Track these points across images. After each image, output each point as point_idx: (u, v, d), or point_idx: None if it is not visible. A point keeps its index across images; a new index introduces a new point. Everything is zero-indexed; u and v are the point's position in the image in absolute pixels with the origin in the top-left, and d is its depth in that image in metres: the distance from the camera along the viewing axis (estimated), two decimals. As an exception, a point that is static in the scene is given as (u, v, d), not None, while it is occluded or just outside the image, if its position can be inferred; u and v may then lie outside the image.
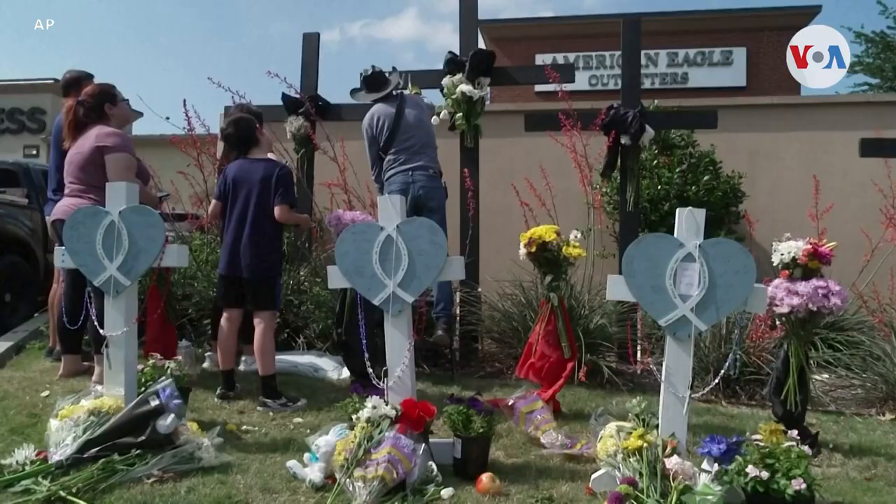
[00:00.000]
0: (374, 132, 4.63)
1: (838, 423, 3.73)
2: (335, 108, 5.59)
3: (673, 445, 2.48)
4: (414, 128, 4.59)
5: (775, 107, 7.51)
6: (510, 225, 4.95)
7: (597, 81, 13.52)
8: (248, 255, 3.56)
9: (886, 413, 3.97)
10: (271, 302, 3.63)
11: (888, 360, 4.21)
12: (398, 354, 2.75)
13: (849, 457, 3.13)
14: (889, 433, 3.58)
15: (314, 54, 5.65)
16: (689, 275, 2.52)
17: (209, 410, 3.50)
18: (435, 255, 2.73)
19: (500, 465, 2.79)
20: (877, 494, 2.70)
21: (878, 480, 2.87)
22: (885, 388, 4.14)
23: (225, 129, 3.85)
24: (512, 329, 4.63)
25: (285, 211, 3.57)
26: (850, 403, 4.14)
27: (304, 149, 5.46)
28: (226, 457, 2.76)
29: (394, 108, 4.59)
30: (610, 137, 4.89)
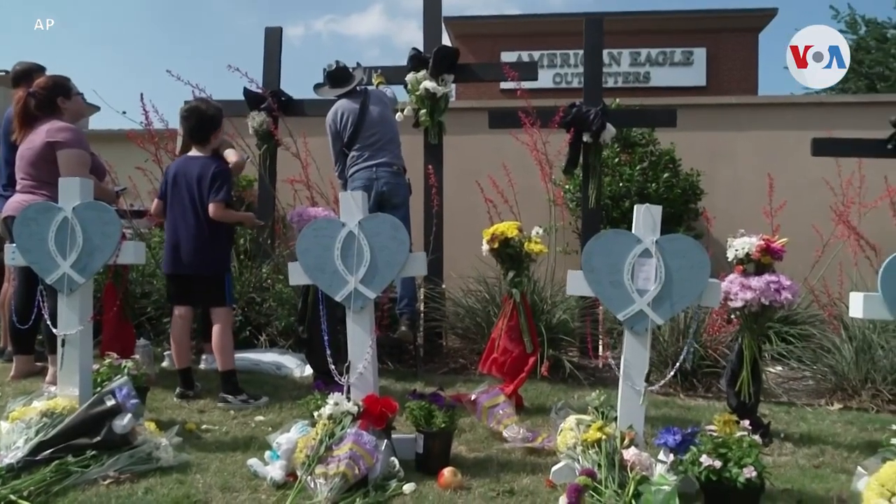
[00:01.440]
0: (337, 128, 4.60)
1: (790, 414, 3.85)
2: (298, 103, 5.54)
3: (631, 437, 2.53)
4: (377, 124, 4.58)
5: (733, 106, 7.69)
6: (474, 221, 4.97)
7: (561, 79, 13.65)
8: (189, 252, 3.53)
9: (835, 403, 4.11)
10: (221, 298, 3.59)
11: (837, 352, 4.36)
12: (360, 351, 2.75)
13: (799, 445, 3.23)
14: (837, 422, 3.71)
15: (276, 48, 5.59)
16: (647, 270, 2.57)
17: (168, 410, 3.45)
18: (397, 251, 2.73)
19: (462, 460, 2.81)
20: (824, 481, 2.80)
21: (826, 467, 2.97)
22: (834, 379, 4.28)
23: (187, 116, 3.74)
24: (476, 325, 4.67)
25: (219, 208, 3.52)
26: (802, 394, 4.27)
27: (267, 144, 5.41)
28: (185, 456, 2.72)
29: (357, 104, 4.57)
30: (571, 134, 4.96)
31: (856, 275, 4.80)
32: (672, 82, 13.37)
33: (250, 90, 5.36)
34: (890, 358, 4.16)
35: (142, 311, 4.73)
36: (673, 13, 13.82)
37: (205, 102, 3.90)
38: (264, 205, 5.38)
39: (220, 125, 3.77)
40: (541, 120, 4.82)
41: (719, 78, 13.37)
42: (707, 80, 13.36)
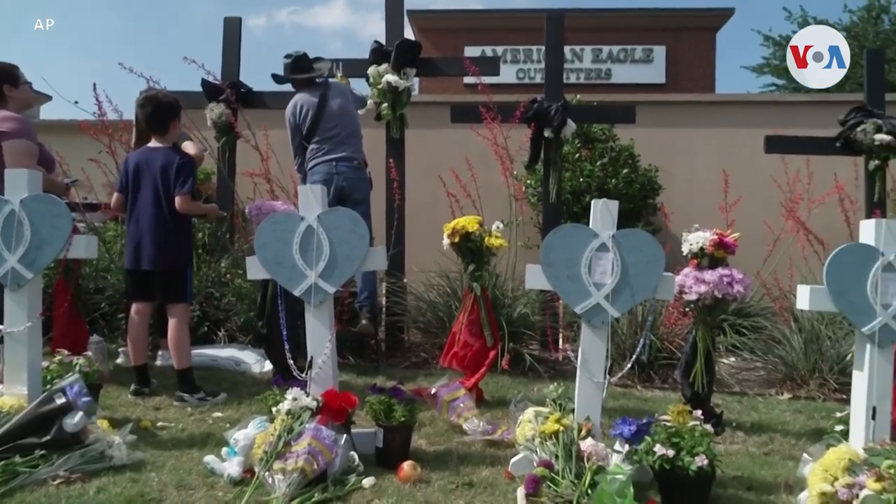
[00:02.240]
0: (296, 121, 4.54)
1: (741, 403, 3.96)
2: (258, 95, 5.46)
3: (588, 428, 2.57)
4: (338, 117, 4.53)
5: (691, 104, 7.86)
6: (436, 215, 4.98)
7: (524, 75, 13.72)
8: (152, 247, 3.44)
9: (784, 393, 4.24)
10: (182, 294, 3.52)
11: (787, 343, 4.50)
12: (320, 345, 2.73)
13: (749, 434, 3.34)
14: (786, 411, 3.83)
15: (236, 39, 5.49)
16: (604, 264, 2.61)
17: (122, 407, 3.37)
18: (356, 246, 2.72)
19: (422, 453, 2.82)
20: (772, 467, 2.90)
21: (774, 455, 3.08)
22: (784, 369, 4.43)
23: (143, 104, 3.65)
24: (437, 319, 4.68)
25: (186, 201, 3.46)
26: (753, 384, 4.40)
27: (226, 137, 5.32)
28: (139, 454, 2.67)
29: (317, 96, 4.51)
30: (532, 130, 5.00)
31: (805, 268, 4.97)
32: (633, 79, 13.56)
33: (208, 81, 5.26)
34: (836, 348, 4.31)
35: (95, 307, 4.61)
36: (634, 11, 14.04)
37: (161, 92, 3.81)
38: (223, 198, 5.29)
39: (179, 114, 3.69)
40: (502, 115, 4.84)
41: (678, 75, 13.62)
42: (666, 78, 13.60)
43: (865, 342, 2.56)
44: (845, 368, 4.17)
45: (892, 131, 5.11)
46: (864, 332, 2.55)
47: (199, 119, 5.18)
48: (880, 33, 16.50)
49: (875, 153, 5.18)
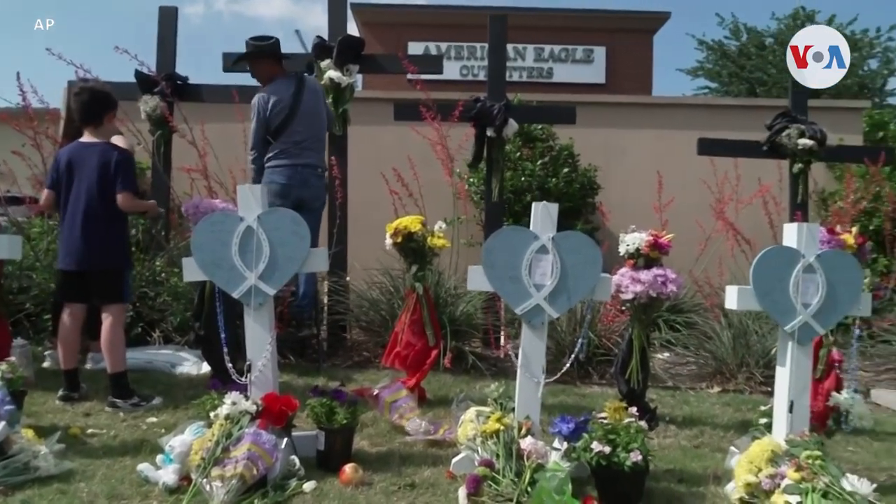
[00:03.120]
0: (267, 114, 4.33)
1: (675, 398, 4.12)
2: (195, 88, 5.30)
3: (528, 427, 2.62)
4: (309, 118, 4.42)
5: (628, 105, 8.07)
6: (379, 213, 4.96)
7: (468, 72, 13.77)
8: (87, 247, 3.30)
9: (714, 386, 4.43)
10: (118, 295, 3.40)
11: (717, 338, 4.70)
12: (260, 348, 2.68)
13: (682, 428, 3.47)
14: (715, 404, 4.00)
15: (171, 29, 5.31)
16: (543, 266, 2.67)
17: (49, 414, 3.23)
18: (297, 247, 2.69)
19: (364, 455, 2.82)
20: (702, 460, 3.03)
21: (704, 447, 3.22)
22: (714, 363, 4.62)
23: (79, 93, 3.49)
24: (380, 317, 4.67)
25: (128, 199, 3.34)
26: (686, 379, 4.58)
27: (161, 130, 5.14)
28: (68, 464, 2.56)
29: (290, 92, 4.35)
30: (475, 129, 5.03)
31: (734, 266, 5.19)
32: (574, 79, 13.80)
33: (142, 72, 5.07)
34: (763, 343, 4.53)
35: (19, 308, 4.39)
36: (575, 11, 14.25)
37: (98, 83, 3.66)
38: (159, 194, 5.11)
39: (115, 108, 3.55)
40: (441, 114, 4.85)
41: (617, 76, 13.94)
42: (606, 78, 13.89)
43: (787, 339, 2.70)
44: (770, 362, 4.37)
45: (814, 136, 5.38)
46: (786, 331, 2.69)
47: (132, 111, 4.99)
48: (805, 40, 17.30)
49: (798, 157, 5.44)
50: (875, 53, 17.28)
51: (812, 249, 2.70)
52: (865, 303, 2.79)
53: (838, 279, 2.68)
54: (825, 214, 6.86)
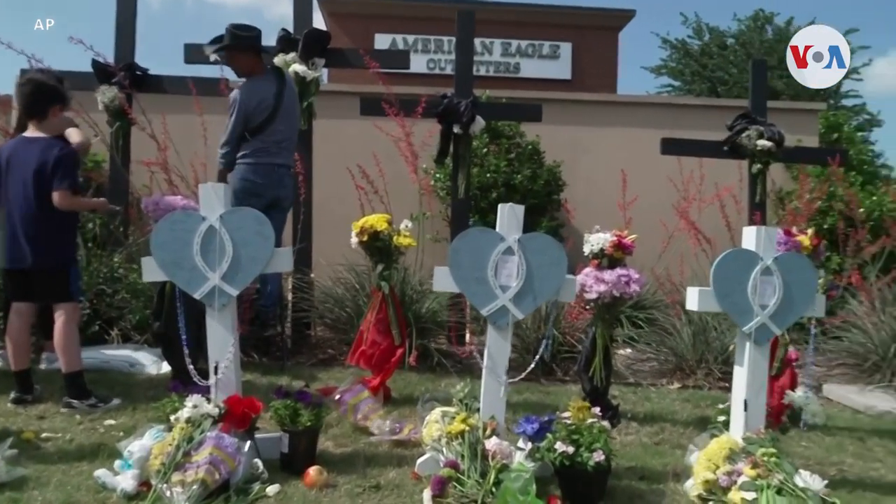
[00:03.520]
0: (250, 109, 4.17)
1: (636, 394, 4.19)
2: (155, 78, 5.16)
3: (493, 427, 2.64)
4: (289, 117, 4.32)
5: (594, 103, 8.14)
6: (345, 208, 4.93)
7: (435, 65, 13.71)
8: (29, 245, 3.19)
9: (675, 382, 4.52)
10: (64, 294, 3.27)
11: (678, 335, 4.80)
12: (222, 349, 2.64)
13: (643, 424, 3.53)
14: (675, 401, 4.09)
15: (130, 17, 5.16)
16: (509, 267, 2.68)
17: (1, 418, 3.12)
18: (261, 247, 2.64)
19: (328, 456, 2.80)
20: (663, 456, 3.09)
21: (665, 444, 3.28)
22: (674, 360, 4.71)
23: (22, 84, 3.37)
24: (345, 315, 4.64)
25: (64, 197, 3.19)
26: (647, 375, 4.66)
27: (119, 122, 5.00)
28: (20, 471, 2.48)
29: (273, 89, 4.23)
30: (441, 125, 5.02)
31: (695, 264, 5.30)
32: (540, 74, 13.85)
33: (99, 62, 4.92)
34: (721, 339, 4.64)
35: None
36: (542, 7, 14.30)
37: (45, 73, 3.52)
38: (116, 188, 4.98)
39: (63, 100, 3.41)
40: (407, 110, 4.81)
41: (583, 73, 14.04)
42: (572, 75, 13.98)
43: (745, 340, 2.77)
44: (728, 359, 4.48)
45: (773, 138, 5.50)
46: (744, 331, 2.75)
47: (90, 102, 4.84)
48: (764, 42, 17.73)
49: (757, 157, 5.57)
50: (831, 55, 17.75)
51: (770, 252, 2.77)
52: (820, 304, 2.88)
53: (794, 281, 2.76)
54: (782, 213, 7.04)
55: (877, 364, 4.69)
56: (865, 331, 4.88)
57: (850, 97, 17.72)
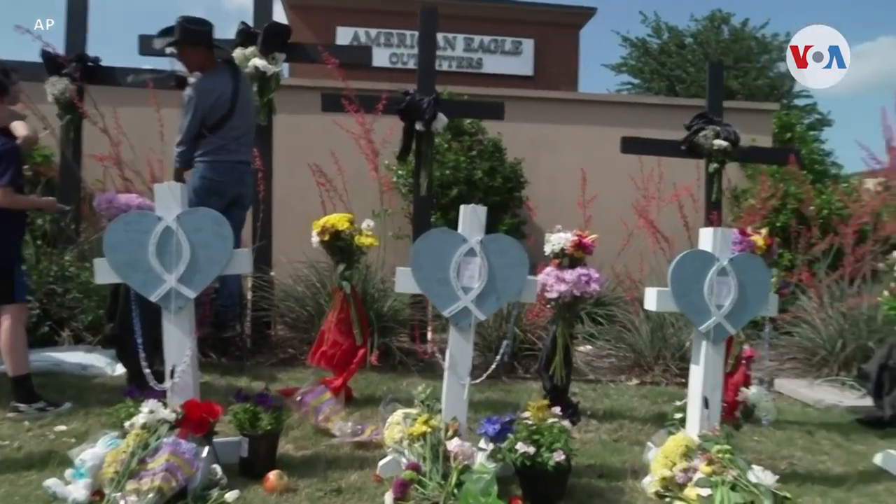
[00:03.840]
0: (207, 106, 4.05)
1: (596, 391, 4.25)
2: (109, 70, 4.99)
3: (455, 428, 2.64)
4: (246, 112, 4.23)
5: (555, 101, 8.20)
6: (307, 204, 4.87)
7: (397, 59, 13.63)
8: None
9: (633, 379, 4.61)
10: (8, 294, 3.15)
11: (636, 331, 4.88)
12: (179, 353, 2.58)
13: (602, 422, 3.59)
14: (634, 396, 4.16)
15: (82, 6, 4.98)
16: (472, 268, 2.68)
17: (-56, 425, 3.00)
18: (220, 249, 2.59)
19: (289, 460, 2.77)
20: (621, 454, 3.14)
21: (623, 441, 3.34)
22: (632, 356, 4.80)
23: None
24: (306, 313, 4.59)
25: (6, 195, 3.06)
26: (606, 371, 4.73)
27: (70, 115, 4.83)
28: (-35, 481, 2.39)
29: (230, 85, 4.13)
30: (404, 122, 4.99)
31: (654, 261, 5.39)
32: (503, 70, 13.89)
33: (49, 52, 4.74)
34: (678, 336, 4.74)
35: None
36: (504, 3, 14.33)
37: None
38: (67, 183, 4.82)
39: (6, 91, 3.27)
40: (367, 107, 4.77)
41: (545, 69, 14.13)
42: (534, 71, 14.07)
43: (701, 339, 2.83)
44: (685, 355, 4.58)
45: (728, 138, 5.62)
46: (700, 331, 2.82)
47: (38, 93, 4.66)
48: (721, 42, 18.13)
49: (714, 157, 5.68)
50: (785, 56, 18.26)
51: (725, 253, 2.83)
52: (773, 303, 2.96)
53: (749, 281, 2.83)
54: (738, 211, 7.23)
55: (825, 359, 4.86)
56: (815, 326, 5.04)
57: (802, 97, 18.26)
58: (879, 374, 3.93)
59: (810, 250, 5.58)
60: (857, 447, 3.49)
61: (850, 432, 3.72)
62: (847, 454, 3.37)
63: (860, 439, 3.61)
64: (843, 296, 5.03)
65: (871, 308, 4.74)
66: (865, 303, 4.81)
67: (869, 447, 3.46)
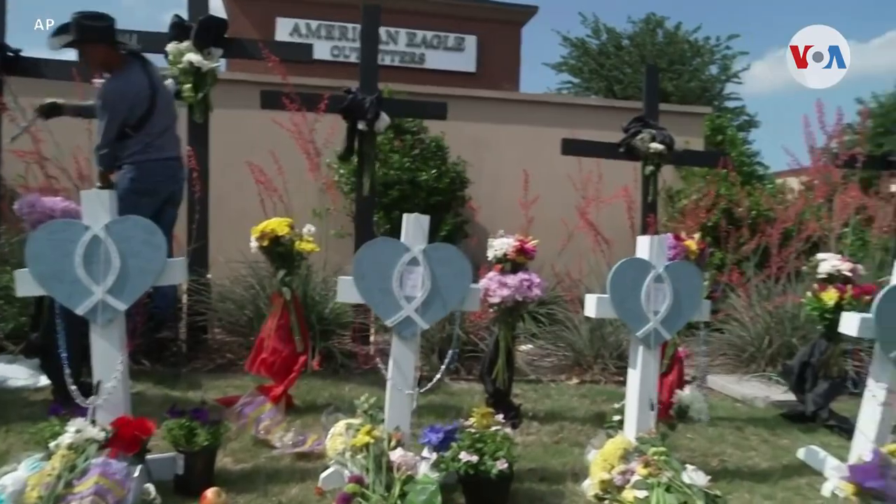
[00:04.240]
0: (126, 107, 3.85)
1: (537, 391, 4.31)
2: (32, 61, 4.72)
3: (398, 438, 2.63)
4: (166, 105, 4.06)
5: (498, 100, 8.26)
6: (245, 201, 4.74)
7: (339, 52, 13.43)
8: None
9: (573, 378, 4.70)
10: None
11: (576, 330, 4.98)
12: (109, 368, 2.46)
13: (543, 423, 3.64)
14: (574, 396, 4.24)
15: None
16: (414, 278, 2.67)
17: None
18: (152, 258, 2.48)
19: (227, 474, 2.69)
20: (563, 455, 3.20)
21: (564, 442, 3.39)
22: (572, 355, 4.90)
23: None
24: (245, 316, 4.48)
25: None
26: (547, 371, 4.81)
27: (-13, 108, 4.55)
28: None
29: (146, 80, 3.94)
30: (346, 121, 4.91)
31: (593, 260, 5.51)
32: (445, 66, 13.90)
33: (-37, 42, 4.45)
34: (617, 335, 4.86)
35: None
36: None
37: None
38: (-16, 180, 4.55)
39: None
40: (309, 105, 4.68)
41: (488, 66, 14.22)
42: (477, 68, 14.13)
43: (639, 344, 2.91)
44: (622, 354, 4.71)
45: (664, 141, 5.79)
46: (637, 336, 2.89)
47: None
48: (656, 44, 18.65)
49: (650, 160, 5.84)
50: (715, 60, 18.97)
51: (661, 260, 2.91)
52: (705, 309, 3.07)
53: (683, 288, 2.92)
54: (672, 211, 7.46)
55: (753, 355, 5.08)
56: (744, 324, 5.26)
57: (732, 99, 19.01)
58: (801, 370, 4.14)
59: (739, 250, 5.81)
60: (782, 441, 3.66)
61: (776, 427, 3.90)
62: (773, 449, 3.53)
63: (785, 433, 3.79)
64: (770, 295, 5.26)
65: (795, 306, 4.97)
66: (790, 301, 5.04)
67: (793, 441, 3.64)
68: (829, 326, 3.87)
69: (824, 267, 4.01)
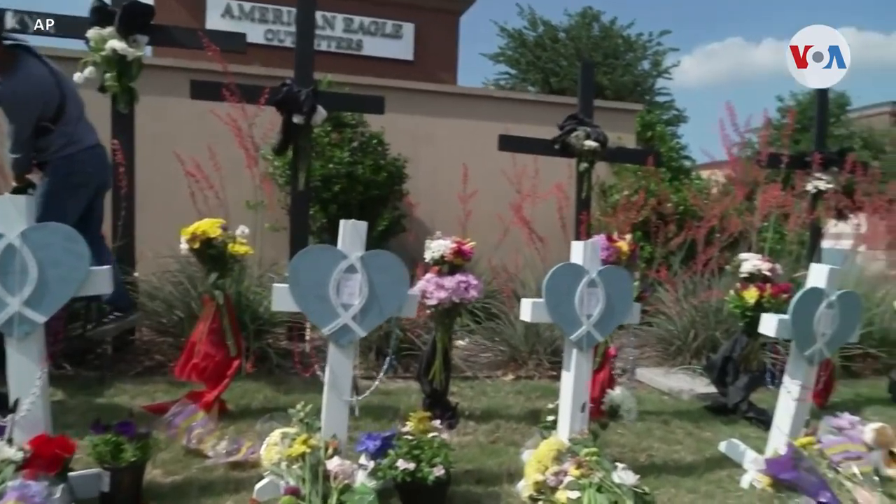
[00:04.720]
0: (38, 107, 3.57)
1: (473, 388, 4.36)
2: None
3: (335, 446, 2.60)
4: (72, 93, 3.80)
5: (435, 93, 8.23)
6: (174, 193, 4.57)
7: (273, 36, 13.04)
8: None
9: (509, 374, 4.78)
10: None
11: (511, 326, 5.06)
12: (26, 384, 2.33)
13: (479, 422, 3.69)
14: (509, 394, 4.31)
15: None
16: (352, 285, 2.64)
17: None
18: (74, 267, 2.35)
19: (157, 488, 2.61)
20: (499, 455, 3.25)
21: (500, 442, 3.45)
22: (508, 351, 4.97)
23: None
24: (176, 316, 4.33)
25: None
26: (483, 367, 4.86)
27: None
28: None
29: (45, 70, 3.66)
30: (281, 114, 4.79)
31: (528, 255, 5.60)
32: (383, 53, 13.73)
33: None
34: (551, 330, 4.95)
35: None
36: (385, -16, 14.12)
37: None
38: None
39: None
40: (244, 97, 4.53)
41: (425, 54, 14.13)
42: (414, 56, 14.02)
43: (572, 347, 2.98)
44: (556, 350, 4.82)
45: (598, 139, 5.92)
46: (571, 339, 2.96)
47: None
48: (591, 38, 19.00)
49: (584, 157, 5.96)
50: (647, 56, 19.49)
51: (595, 265, 2.98)
52: (636, 312, 3.17)
53: (615, 292, 3.00)
54: (605, 206, 7.65)
55: (679, 348, 5.29)
56: (671, 318, 5.47)
57: (662, 94, 19.60)
58: (724, 364, 4.34)
59: (667, 244, 6.02)
60: (705, 434, 3.84)
61: (700, 419, 4.08)
62: (697, 442, 3.70)
63: (708, 426, 3.97)
64: (696, 290, 5.48)
65: (718, 301, 5.20)
66: (714, 296, 5.27)
67: (715, 434, 3.82)
68: (750, 323, 4.07)
69: (746, 266, 4.21)
